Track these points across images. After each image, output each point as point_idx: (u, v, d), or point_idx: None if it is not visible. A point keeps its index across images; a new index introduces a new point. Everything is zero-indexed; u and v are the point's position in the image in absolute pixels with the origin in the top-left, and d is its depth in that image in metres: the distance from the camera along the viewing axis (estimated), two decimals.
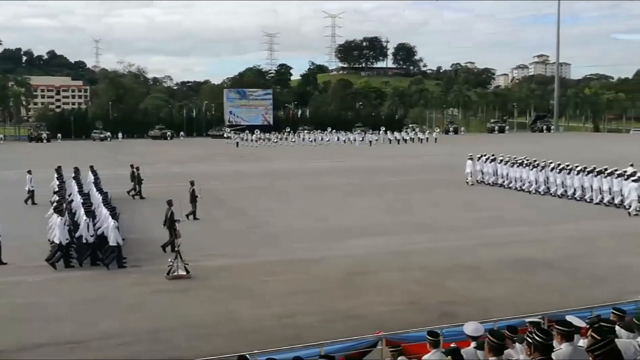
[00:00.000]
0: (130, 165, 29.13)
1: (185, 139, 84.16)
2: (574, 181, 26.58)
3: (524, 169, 29.51)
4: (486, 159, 32.35)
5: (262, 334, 10.89)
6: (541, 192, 28.07)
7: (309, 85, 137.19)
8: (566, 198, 26.50)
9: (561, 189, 27.07)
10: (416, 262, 16.16)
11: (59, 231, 15.50)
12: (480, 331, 7.03)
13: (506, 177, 30.42)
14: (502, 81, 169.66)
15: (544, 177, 28.24)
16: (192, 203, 21.74)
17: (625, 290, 12.13)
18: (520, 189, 29.13)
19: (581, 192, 25.99)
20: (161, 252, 16.79)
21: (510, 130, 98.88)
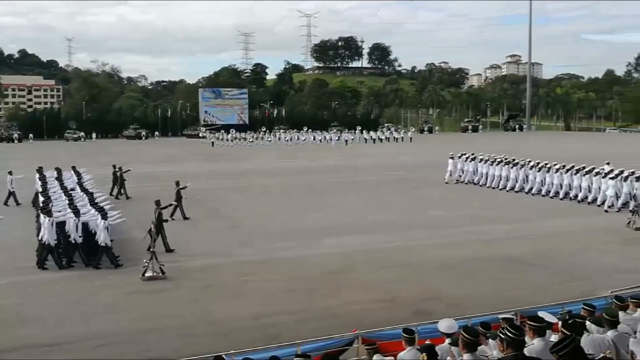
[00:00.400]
0: (113, 165, 28.94)
1: (160, 139, 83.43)
2: (553, 179, 27.05)
3: (504, 167, 29.90)
4: (466, 158, 32.71)
5: (239, 334, 10.89)
6: (516, 189, 28.50)
7: (285, 85, 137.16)
8: (546, 196, 26.96)
9: (541, 187, 27.51)
10: (392, 260, 16.28)
11: (48, 232, 15.37)
12: (455, 328, 7.14)
13: (486, 176, 30.79)
14: (475, 81, 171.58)
15: (524, 176, 28.66)
16: (178, 203, 21.75)
17: (597, 286, 12.43)
18: (501, 187, 29.53)
19: (561, 190, 26.44)
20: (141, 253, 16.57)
21: (483, 130, 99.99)
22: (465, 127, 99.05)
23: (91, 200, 18.49)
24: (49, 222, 15.44)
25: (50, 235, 15.36)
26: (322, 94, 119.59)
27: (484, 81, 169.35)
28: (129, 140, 78.96)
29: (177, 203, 21.71)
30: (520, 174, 28.79)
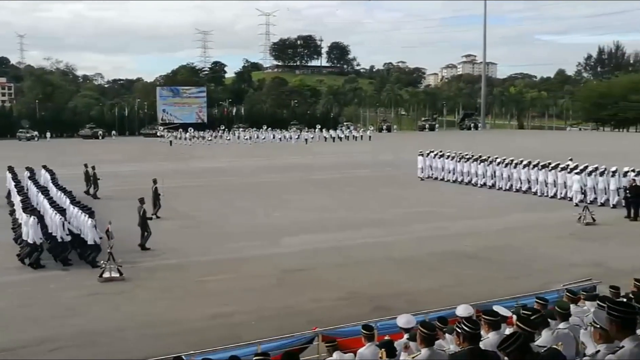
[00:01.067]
0: (84, 164, 28.57)
1: (117, 138, 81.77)
2: (520, 174, 27.91)
3: (472, 163, 30.72)
4: (434, 155, 33.38)
5: (199, 334, 10.81)
6: (488, 185, 29.37)
7: (244, 83, 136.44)
8: (512, 191, 27.87)
9: (507, 182, 28.40)
10: (351, 257, 16.42)
11: (33, 231, 15.19)
12: (412, 323, 7.26)
13: (453, 172, 31.56)
14: (432, 80, 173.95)
15: (492, 172, 29.44)
16: (156, 201, 21.82)
17: (549, 280, 12.76)
18: (467, 182, 30.40)
19: (527, 185, 27.41)
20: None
21: (440, 128, 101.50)
22: (423, 125, 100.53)
23: (72, 199, 18.28)
24: (33, 220, 15.29)
25: (36, 234, 15.23)
26: (282, 93, 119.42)
27: (440, 81, 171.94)
28: (85, 140, 77.16)
29: (154, 202, 21.73)
30: (488, 170, 29.63)
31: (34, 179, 23.93)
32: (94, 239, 15.50)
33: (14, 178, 24.01)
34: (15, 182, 22.88)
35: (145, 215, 17.45)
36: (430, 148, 35.35)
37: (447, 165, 32.24)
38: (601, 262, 15.21)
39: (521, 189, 27.64)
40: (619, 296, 8.01)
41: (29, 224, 15.41)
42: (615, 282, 9.16)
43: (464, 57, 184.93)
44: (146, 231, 17.34)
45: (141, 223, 17.29)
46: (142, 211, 17.44)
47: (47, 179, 24.16)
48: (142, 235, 17.42)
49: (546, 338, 6.23)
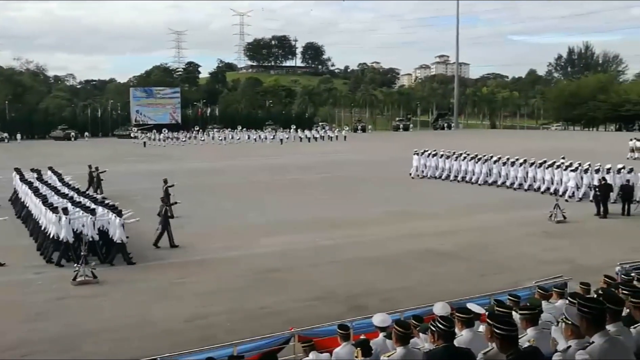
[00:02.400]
0: (89, 165, 28.93)
1: (90, 140, 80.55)
2: (517, 172, 28.58)
3: (469, 162, 31.38)
4: (429, 154, 34.05)
5: (175, 336, 10.74)
6: (480, 183, 30.16)
7: (218, 84, 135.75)
8: (506, 188, 28.62)
9: (503, 180, 29.21)
10: (327, 257, 16.46)
11: (65, 229, 15.42)
12: (388, 322, 7.31)
13: (449, 170, 32.18)
14: (406, 81, 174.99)
15: (487, 169, 30.12)
16: (166, 201, 21.57)
17: (521, 277, 12.95)
18: (462, 180, 31.19)
19: (523, 183, 28.11)
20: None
21: (414, 128, 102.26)
22: (397, 125, 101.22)
23: (94, 199, 18.65)
24: (65, 219, 15.54)
25: (68, 233, 15.47)
26: (256, 93, 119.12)
27: (414, 81, 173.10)
28: (57, 141, 75.95)
29: (164, 200, 21.50)
30: (484, 167, 30.32)
31: (42, 180, 23.93)
32: (121, 238, 15.71)
33: (22, 179, 23.94)
34: (27, 184, 22.64)
35: (167, 214, 17.96)
36: (406, 147, 35.78)
37: (442, 163, 32.92)
38: (572, 259, 15.50)
39: (521, 186, 28.36)
40: (589, 292, 8.14)
41: (61, 222, 15.60)
42: (586, 278, 9.32)
43: (437, 58, 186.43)
44: (166, 229, 17.67)
45: (163, 222, 17.71)
46: (164, 210, 18.01)
47: (55, 181, 24.14)
48: (168, 235, 17.74)
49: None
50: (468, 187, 29.98)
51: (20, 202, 23.07)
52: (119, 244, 15.78)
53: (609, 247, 16.79)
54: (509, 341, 4.87)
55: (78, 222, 15.96)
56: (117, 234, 15.69)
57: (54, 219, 15.87)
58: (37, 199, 18.71)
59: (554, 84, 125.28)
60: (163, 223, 17.72)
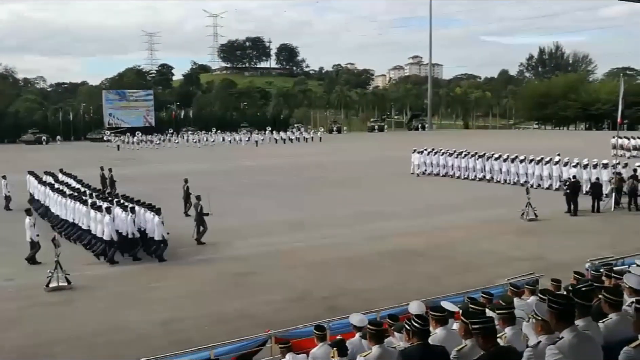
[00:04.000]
0: (100, 167, 29.49)
1: (62, 144, 79.15)
2: (518, 169, 29.68)
3: (470, 159, 32.40)
4: (429, 152, 35.14)
5: (150, 340, 10.69)
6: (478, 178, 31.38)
7: (192, 86, 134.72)
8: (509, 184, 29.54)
9: (505, 176, 30.25)
10: (302, 258, 16.53)
11: (109, 228, 16.04)
12: (364, 322, 7.37)
13: (451, 167, 33.43)
14: (380, 82, 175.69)
15: (490, 166, 31.17)
16: (186, 200, 22.76)
17: (494, 275, 13.15)
18: (464, 177, 32.31)
19: (525, 178, 28.90)
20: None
21: (389, 129, 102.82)
22: (372, 126, 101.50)
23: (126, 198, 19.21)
24: (109, 218, 16.13)
25: (113, 231, 16.07)
26: (231, 95, 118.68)
27: (388, 82, 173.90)
28: (28, 146, 74.59)
29: (185, 200, 22.75)
30: (487, 164, 31.33)
31: (60, 181, 24.10)
32: (162, 234, 16.27)
33: (41, 181, 24.22)
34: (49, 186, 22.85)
35: (202, 211, 18.35)
36: (382, 148, 35.97)
37: (444, 161, 34.11)
38: (543, 256, 15.81)
39: (519, 181, 29.21)
40: (560, 289, 8.32)
41: (105, 221, 16.19)
42: (557, 275, 9.52)
43: (411, 59, 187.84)
44: (202, 226, 18.36)
45: (198, 219, 18.35)
46: (200, 207, 18.46)
47: (71, 182, 24.20)
48: (197, 231, 18.44)
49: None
50: (457, 185, 30.81)
51: (40, 204, 23.36)
52: (160, 240, 16.39)
53: (579, 244, 17.14)
54: (489, 334, 4.98)
55: (119, 220, 16.61)
56: (157, 231, 16.31)
57: (99, 217, 16.54)
58: (67, 199, 19.41)
59: (526, 84, 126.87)
60: (198, 219, 18.42)
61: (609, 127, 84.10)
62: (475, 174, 31.86)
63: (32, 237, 16.11)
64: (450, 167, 33.70)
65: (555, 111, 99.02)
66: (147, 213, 16.96)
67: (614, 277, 7.80)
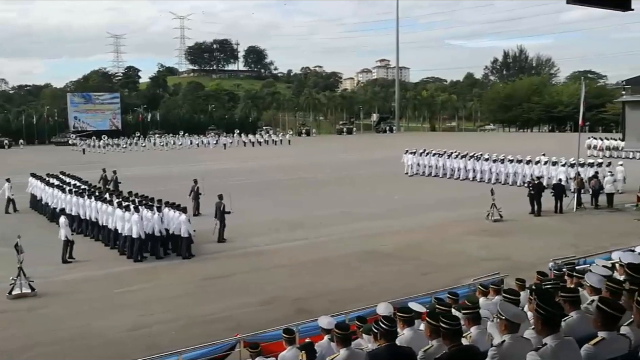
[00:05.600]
0: (102, 169, 30.07)
1: (25, 147, 77.49)
2: (507, 169, 30.70)
3: (460, 160, 33.34)
4: (420, 153, 36.11)
5: (118, 346, 10.56)
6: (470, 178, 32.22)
7: (159, 88, 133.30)
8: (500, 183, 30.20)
9: (494, 176, 31.21)
10: (272, 261, 16.54)
11: (137, 226, 16.51)
12: (333, 324, 7.42)
13: (442, 168, 34.33)
14: (348, 84, 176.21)
15: (480, 167, 32.08)
16: (195, 200, 23.14)
17: (461, 275, 13.36)
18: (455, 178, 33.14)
19: (513, 178, 30.13)
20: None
21: (357, 132, 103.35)
22: (341, 129, 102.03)
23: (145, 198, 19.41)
24: (138, 217, 16.60)
25: (141, 229, 16.52)
26: (198, 97, 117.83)
27: (357, 85, 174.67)
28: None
29: (195, 199, 23.07)
30: (477, 165, 32.22)
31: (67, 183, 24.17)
32: (188, 232, 16.80)
33: (49, 183, 24.28)
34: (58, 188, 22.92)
35: (224, 209, 18.91)
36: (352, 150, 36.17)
37: (435, 162, 35.02)
38: (508, 256, 16.11)
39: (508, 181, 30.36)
40: (524, 288, 8.50)
41: (133, 220, 16.60)
42: (521, 274, 9.74)
43: (379, 62, 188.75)
44: (222, 223, 18.96)
45: (220, 217, 18.95)
46: (222, 206, 19.04)
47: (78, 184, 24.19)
48: (220, 229, 19.04)
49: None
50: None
51: (44, 205, 23.80)
52: (187, 237, 16.89)
53: (543, 243, 17.52)
54: (455, 335, 5.07)
55: (146, 218, 16.92)
56: (183, 229, 16.83)
57: (127, 216, 16.87)
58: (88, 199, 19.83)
59: (490, 87, 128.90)
60: (220, 218, 18.97)
61: (571, 129, 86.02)
62: (467, 174, 32.72)
63: (66, 236, 16.64)
64: (440, 167, 34.66)
65: (519, 113, 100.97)
66: (171, 211, 17.51)
67: (576, 276, 7.98)
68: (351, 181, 33.87)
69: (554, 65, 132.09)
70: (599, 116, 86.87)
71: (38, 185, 25.22)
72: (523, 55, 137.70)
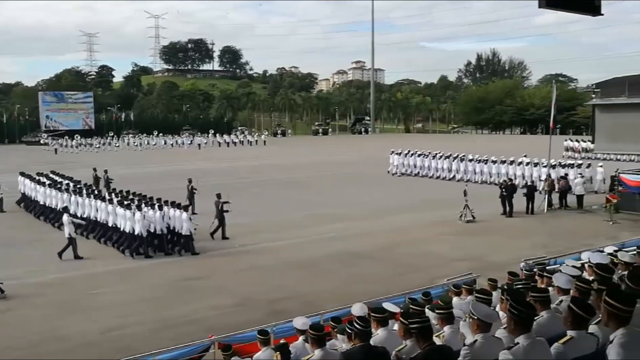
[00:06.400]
0: (93, 168, 30.25)
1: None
2: (491, 169, 31.32)
3: (445, 160, 33.95)
4: (405, 154, 36.62)
5: (90, 349, 10.44)
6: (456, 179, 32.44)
7: (133, 88, 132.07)
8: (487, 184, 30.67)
9: (479, 176, 31.77)
10: (247, 262, 16.50)
11: (140, 225, 16.73)
12: (308, 325, 7.45)
13: (428, 168, 34.92)
14: (324, 85, 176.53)
15: (464, 167, 32.61)
16: (190, 199, 22.95)
17: (435, 275, 13.49)
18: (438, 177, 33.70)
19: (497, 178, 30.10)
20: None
21: (333, 133, 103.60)
22: (317, 130, 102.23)
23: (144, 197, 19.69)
24: (140, 215, 16.89)
25: (144, 227, 16.77)
26: (173, 97, 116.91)
27: (332, 86, 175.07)
28: None
29: (190, 200, 22.81)
30: (461, 165, 32.77)
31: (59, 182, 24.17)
32: (189, 229, 17.13)
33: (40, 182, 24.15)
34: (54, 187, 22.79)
35: (223, 208, 19.25)
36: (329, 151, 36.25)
37: (421, 162, 35.57)
38: (480, 257, 16.31)
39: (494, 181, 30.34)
40: (496, 288, 8.63)
41: (136, 218, 16.84)
42: (493, 274, 9.89)
43: (354, 64, 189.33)
44: (222, 222, 19.27)
45: (219, 215, 19.28)
46: (220, 205, 19.31)
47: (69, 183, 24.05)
48: (221, 228, 19.39)
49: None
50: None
51: (35, 203, 23.89)
52: (187, 235, 17.19)
53: (514, 244, 17.79)
54: (426, 334, 5.13)
55: (148, 217, 17.15)
56: (184, 227, 17.11)
57: (128, 214, 17.12)
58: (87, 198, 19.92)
59: (464, 89, 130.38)
60: (219, 217, 19.27)
61: (542, 132, 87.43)
62: (452, 174, 33.25)
63: (70, 233, 16.91)
64: (426, 167, 35.25)
65: (492, 116, 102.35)
66: (171, 210, 17.76)
67: (546, 276, 8.13)
68: (327, 182, 33.95)
69: (526, 69, 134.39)
70: (569, 119, 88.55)
71: (28, 184, 25.06)
72: (496, 59, 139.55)
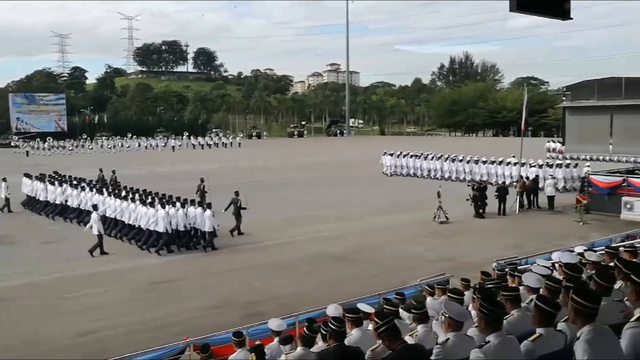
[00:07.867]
0: (100, 169, 30.41)
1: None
2: (481, 169, 31.81)
3: (437, 161, 34.67)
4: (397, 155, 37.38)
5: (66, 352, 10.36)
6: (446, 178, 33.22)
7: (107, 90, 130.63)
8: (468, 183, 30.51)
9: (469, 176, 32.23)
10: (223, 264, 16.49)
11: (164, 222, 17.24)
12: (283, 326, 7.54)
13: (419, 169, 35.68)
14: (299, 88, 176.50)
15: (455, 168, 33.39)
16: (202, 198, 22.82)
17: (409, 276, 13.62)
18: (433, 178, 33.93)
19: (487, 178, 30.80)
20: None
21: (308, 135, 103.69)
22: (292, 132, 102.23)
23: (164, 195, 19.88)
24: (164, 212, 17.40)
25: (167, 224, 17.33)
26: (147, 99, 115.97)
27: (307, 88, 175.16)
28: None
29: (201, 198, 22.68)
30: (453, 166, 33.48)
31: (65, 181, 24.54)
32: (213, 226, 17.77)
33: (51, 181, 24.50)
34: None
35: (240, 205, 20.01)
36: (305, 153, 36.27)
37: (413, 163, 36.30)
38: (453, 257, 16.55)
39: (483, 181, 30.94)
40: (468, 288, 8.81)
41: (159, 215, 17.36)
42: (466, 274, 10.08)
43: (329, 66, 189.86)
44: (238, 220, 19.98)
45: (236, 212, 19.99)
46: (239, 202, 20.07)
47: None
48: (237, 224, 20.05)
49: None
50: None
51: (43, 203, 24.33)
52: (211, 231, 17.82)
53: (487, 245, 18.08)
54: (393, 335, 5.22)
55: (172, 214, 17.66)
56: (207, 224, 17.70)
57: (151, 212, 17.60)
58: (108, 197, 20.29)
59: (437, 92, 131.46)
60: (237, 213, 19.96)
61: (514, 134, 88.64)
62: (443, 174, 33.89)
63: (99, 230, 17.53)
64: (418, 168, 35.95)
65: (464, 118, 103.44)
66: (192, 207, 18.27)
67: (518, 275, 8.30)
68: (304, 183, 33.97)
69: (498, 72, 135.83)
70: (541, 121, 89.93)
71: (38, 185, 25.15)
72: (469, 62, 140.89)
